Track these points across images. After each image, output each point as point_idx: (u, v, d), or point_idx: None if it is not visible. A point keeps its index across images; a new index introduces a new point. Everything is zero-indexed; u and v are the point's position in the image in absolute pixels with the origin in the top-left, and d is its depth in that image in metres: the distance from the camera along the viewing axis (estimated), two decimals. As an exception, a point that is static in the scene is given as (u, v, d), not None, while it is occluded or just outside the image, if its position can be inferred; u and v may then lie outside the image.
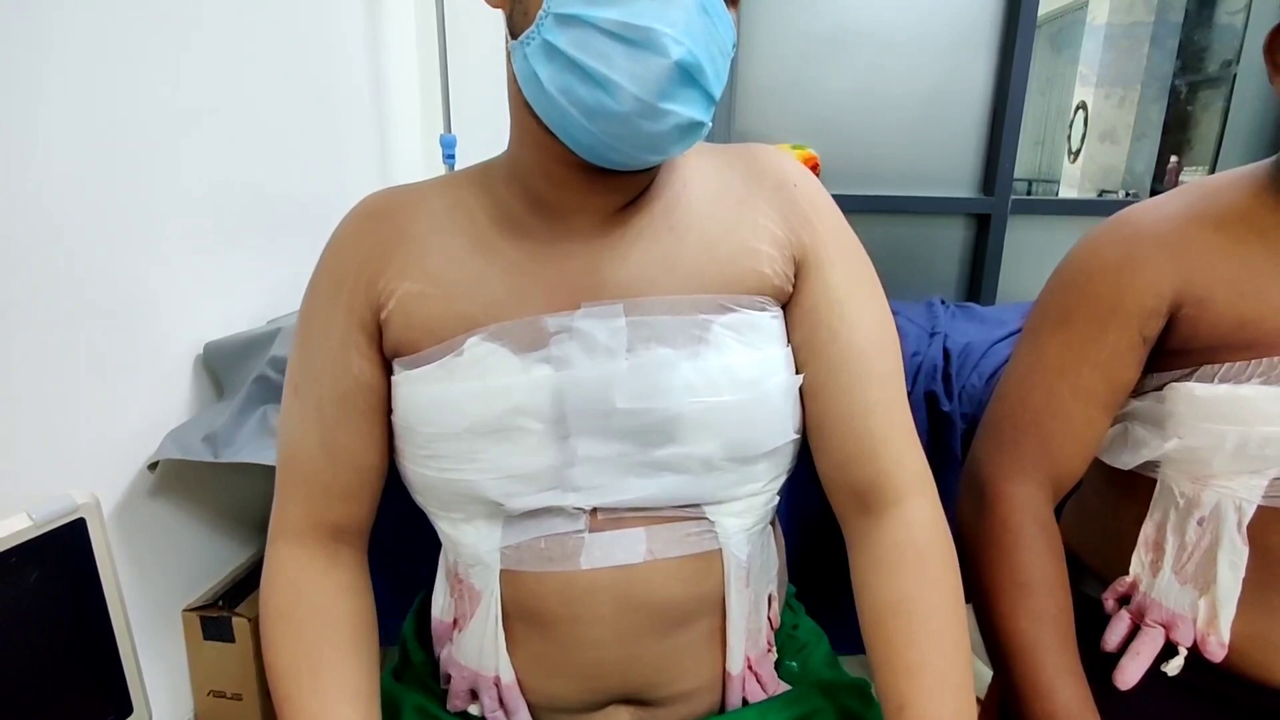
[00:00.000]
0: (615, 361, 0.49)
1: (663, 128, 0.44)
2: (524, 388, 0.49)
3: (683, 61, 0.41)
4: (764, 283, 0.52)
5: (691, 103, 0.44)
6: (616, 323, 0.49)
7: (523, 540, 0.51)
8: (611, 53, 0.42)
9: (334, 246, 0.55)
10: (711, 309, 0.50)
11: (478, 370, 0.49)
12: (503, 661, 0.53)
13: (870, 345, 0.53)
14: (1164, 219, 0.58)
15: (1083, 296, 0.59)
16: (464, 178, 0.56)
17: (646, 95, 0.42)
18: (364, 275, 0.52)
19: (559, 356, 0.49)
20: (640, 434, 0.50)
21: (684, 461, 0.50)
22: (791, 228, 0.53)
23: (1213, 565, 0.56)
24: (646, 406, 0.49)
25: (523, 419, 0.49)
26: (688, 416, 0.49)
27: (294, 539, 0.54)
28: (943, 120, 1.77)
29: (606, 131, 0.44)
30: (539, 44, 0.44)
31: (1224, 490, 0.56)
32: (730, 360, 0.50)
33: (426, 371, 0.51)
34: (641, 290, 0.50)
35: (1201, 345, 0.55)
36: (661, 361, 0.49)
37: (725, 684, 0.56)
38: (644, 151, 0.46)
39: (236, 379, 1.06)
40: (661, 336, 0.49)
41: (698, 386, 0.49)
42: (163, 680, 1.10)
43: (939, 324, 1.08)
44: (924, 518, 0.52)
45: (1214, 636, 0.56)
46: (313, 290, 0.55)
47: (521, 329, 0.50)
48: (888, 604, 0.51)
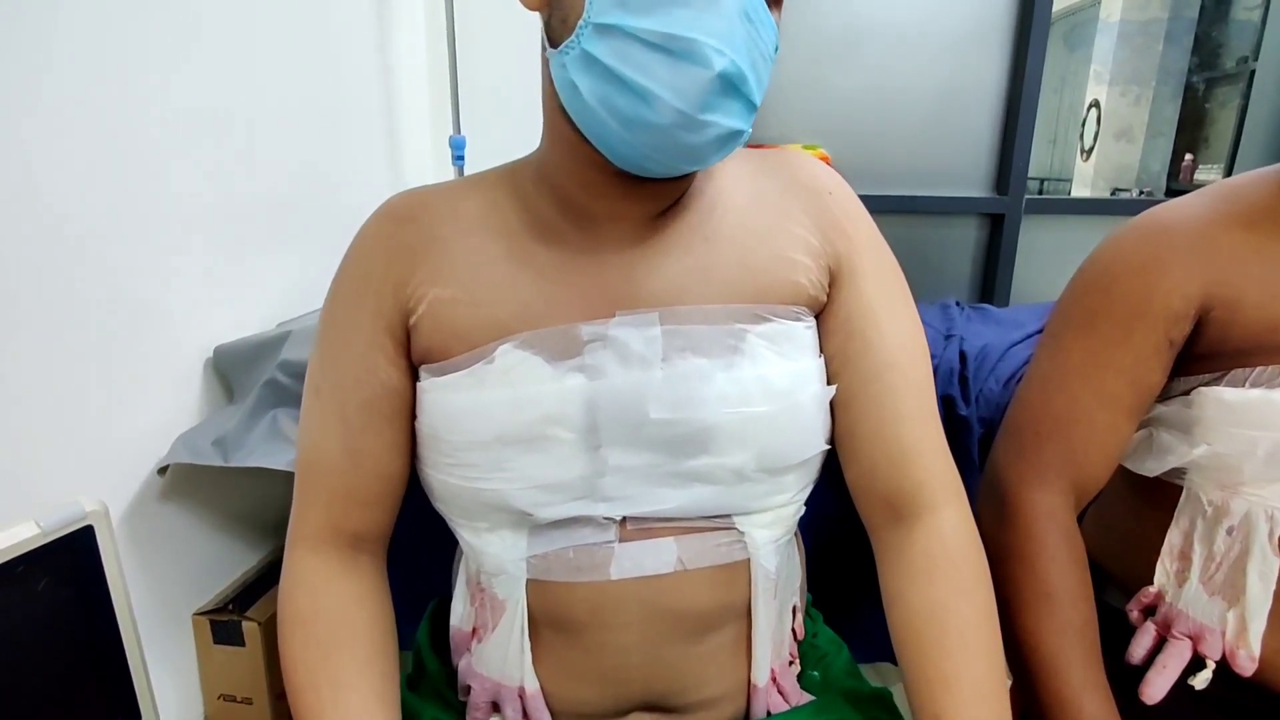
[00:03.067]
0: (650, 371, 0.48)
1: (703, 139, 0.43)
2: (556, 397, 0.48)
3: (725, 72, 0.41)
4: (799, 292, 0.52)
5: (732, 113, 0.43)
6: (652, 331, 0.49)
7: (550, 550, 0.50)
8: (652, 64, 0.41)
9: (359, 248, 0.53)
10: (747, 319, 0.50)
11: (509, 378, 0.48)
12: (528, 671, 0.52)
13: (903, 355, 0.53)
14: (1191, 219, 0.56)
15: (1107, 299, 0.58)
16: (490, 179, 0.55)
17: (687, 107, 0.41)
18: (390, 278, 0.51)
19: (593, 365, 0.48)
20: (672, 444, 0.49)
21: (715, 472, 0.50)
22: (827, 237, 0.53)
23: (1242, 576, 0.55)
24: (680, 417, 0.48)
25: (554, 428, 0.48)
26: (721, 427, 0.48)
27: (313, 546, 0.53)
28: (955, 119, 1.75)
29: (645, 143, 0.43)
30: (578, 54, 0.43)
31: (1254, 499, 0.54)
32: (765, 371, 0.49)
33: (456, 379, 0.50)
34: (676, 299, 0.50)
35: (1232, 349, 0.54)
36: (696, 372, 0.48)
37: (750, 695, 0.55)
38: (683, 162, 0.45)
39: (247, 382, 1.06)
40: (696, 346, 0.49)
41: (731, 397, 0.48)
42: (173, 684, 1.10)
43: (955, 326, 1.06)
44: (956, 527, 0.52)
45: (1244, 650, 0.55)
46: (336, 293, 0.54)
47: (555, 337, 0.49)
48: (921, 614, 0.50)
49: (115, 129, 0.91)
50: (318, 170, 1.31)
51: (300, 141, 1.26)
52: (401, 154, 1.57)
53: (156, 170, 0.98)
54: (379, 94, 1.49)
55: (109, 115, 0.90)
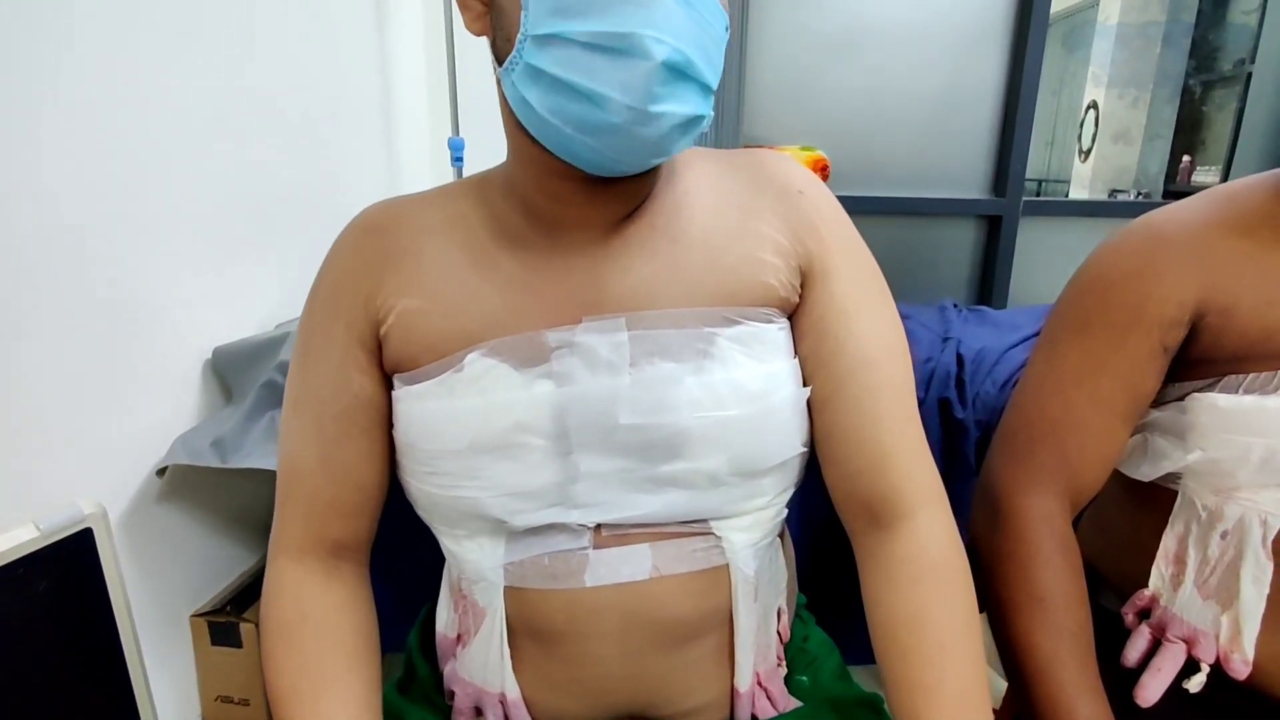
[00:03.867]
0: (618, 376, 0.48)
1: (660, 129, 0.43)
2: (525, 404, 0.48)
3: (669, 61, 0.40)
4: (769, 294, 0.51)
5: (685, 99, 0.43)
6: (619, 337, 0.48)
7: (526, 557, 0.50)
8: (596, 65, 0.41)
9: (331, 262, 0.54)
10: (716, 321, 0.49)
11: (478, 386, 0.48)
12: (508, 679, 0.52)
13: (880, 355, 0.52)
14: (1187, 224, 0.56)
15: (1102, 304, 0.58)
16: (461, 189, 0.55)
17: (637, 102, 0.41)
18: (362, 291, 0.52)
19: (560, 372, 0.48)
20: (644, 450, 0.49)
21: (689, 477, 0.49)
22: (797, 236, 0.52)
23: (1236, 581, 0.55)
24: (651, 422, 0.48)
25: (524, 435, 0.48)
26: (693, 432, 0.48)
27: (295, 556, 0.53)
28: (953, 121, 1.75)
29: (605, 144, 0.43)
30: (523, 68, 0.43)
31: (1248, 504, 0.55)
32: (736, 374, 0.49)
33: (426, 388, 0.50)
34: (643, 303, 0.49)
35: (1226, 355, 0.54)
36: (665, 376, 0.48)
37: (734, 701, 0.55)
38: (648, 155, 0.45)
39: (245, 384, 1.06)
40: (665, 350, 0.48)
41: (703, 401, 0.48)
42: (171, 685, 1.10)
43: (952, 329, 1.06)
44: (937, 531, 0.51)
45: (1238, 654, 0.55)
46: (311, 306, 0.54)
47: (522, 344, 0.49)
48: (901, 621, 0.50)
49: (115, 131, 0.91)
50: (317, 172, 1.31)
51: (299, 143, 1.26)
52: (400, 155, 1.57)
53: (156, 172, 0.98)
54: (378, 96, 1.49)
55: (109, 118, 0.90)
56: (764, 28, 1.71)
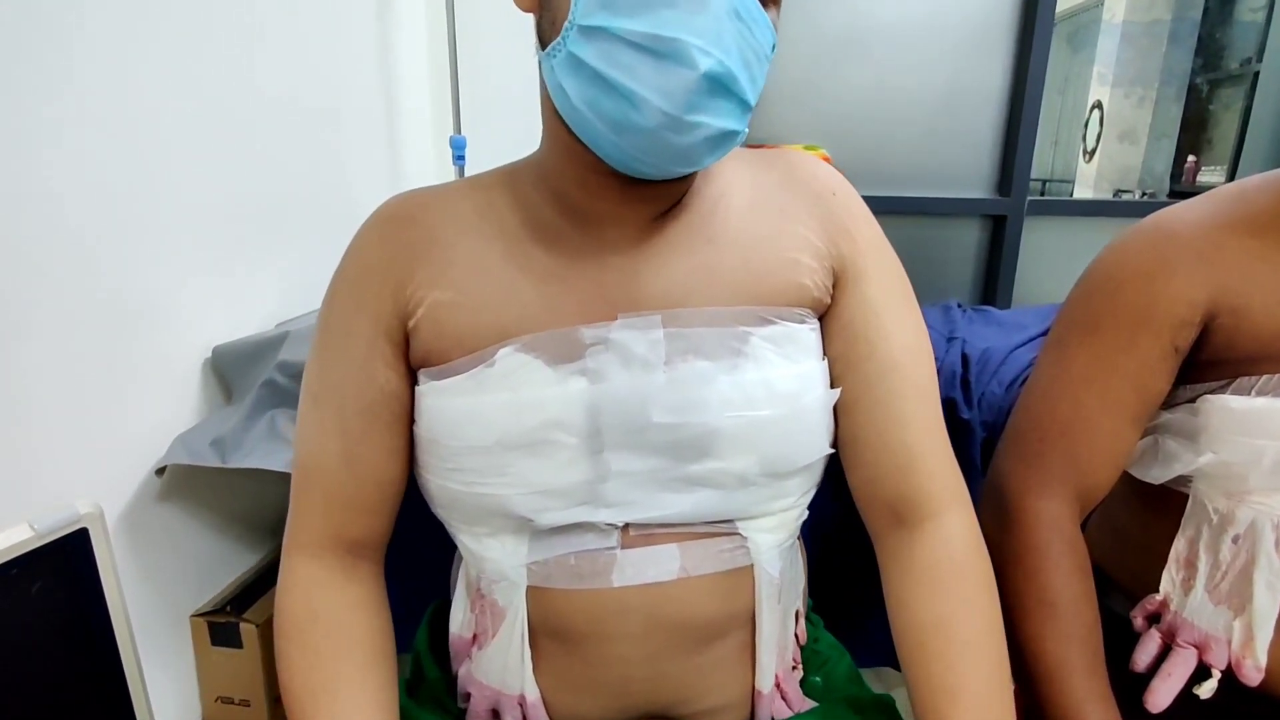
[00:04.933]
0: (652, 375, 0.48)
1: (691, 140, 0.42)
2: (558, 401, 0.47)
3: (711, 73, 0.40)
4: (803, 294, 0.51)
5: (723, 113, 0.42)
6: (654, 335, 0.48)
7: (551, 556, 0.50)
8: (637, 65, 0.40)
9: (356, 251, 0.53)
10: (751, 321, 0.49)
11: (510, 382, 0.48)
12: (528, 680, 0.52)
13: (907, 359, 0.52)
14: (1197, 224, 0.56)
15: (1112, 305, 0.57)
16: (490, 180, 0.54)
17: (673, 109, 0.40)
18: (389, 282, 0.50)
19: (595, 369, 0.48)
20: (675, 449, 0.48)
21: (719, 477, 0.49)
22: (831, 238, 0.52)
23: (1248, 585, 0.54)
24: (683, 421, 0.48)
25: (556, 433, 0.48)
26: (725, 431, 0.48)
27: (311, 553, 0.52)
28: (958, 120, 1.74)
29: (633, 145, 0.43)
30: (565, 56, 0.42)
31: (1261, 507, 0.54)
32: (769, 374, 0.49)
33: (456, 383, 0.49)
34: (679, 302, 0.49)
35: (1238, 356, 0.53)
36: (699, 375, 0.48)
37: (755, 702, 0.54)
38: (674, 164, 0.45)
39: (245, 383, 1.05)
40: (699, 349, 0.48)
41: (735, 401, 0.48)
42: (170, 686, 1.10)
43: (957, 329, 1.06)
44: (961, 533, 0.51)
45: (1250, 660, 0.54)
46: (333, 297, 0.53)
47: (556, 340, 0.48)
48: (926, 624, 0.50)
49: (117, 131, 0.91)
50: (318, 170, 1.31)
51: (301, 141, 1.26)
52: (402, 154, 1.57)
53: (157, 172, 0.98)
54: (380, 94, 1.49)
55: (111, 118, 0.90)
56: (768, 26, 1.70)
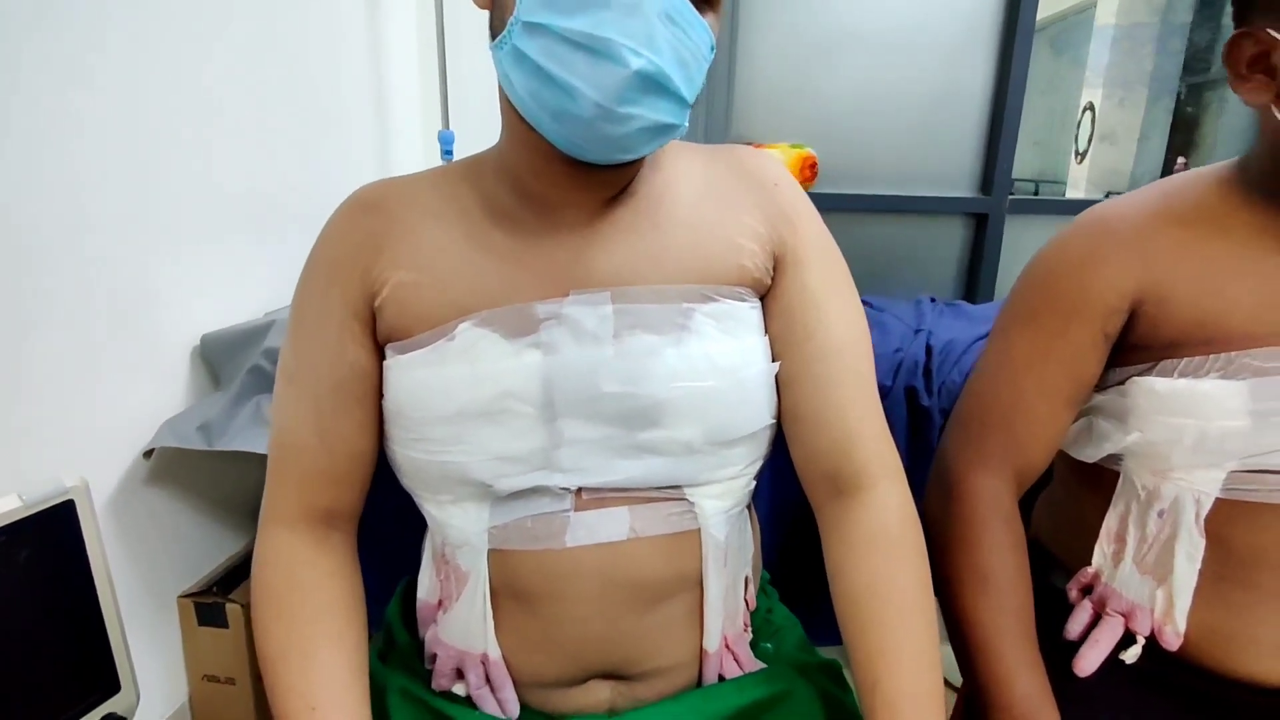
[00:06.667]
0: (602, 347, 0.51)
1: (626, 130, 0.45)
2: (514, 372, 0.51)
3: (643, 71, 0.43)
4: (744, 275, 0.54)
5: (657, 108, 0.45)
6: (604, 310, 0.51)
7: (510, 520, 0.53)
8: (575, 61, 0.43)
9: (327, 237, 0.56)
10: (694, 298, 0.52)
11: (469, 355, 0.51)
12: (490, 640, 0.55)
13: (844, 342, 0.55)
14: (1129, 217, 0.59)
15: (1049, 294, 0.60)
16: (455, 170, 0.57)
17: (606, 101, 0.44)
18: (358, 264, 0.54)
19: (548, 342, 0.51)
20: (625, 418, 0.51)
21: (666, 444, 0.52)
22: (772, 226, 0.55)
23: (1171, 557, 0.57)
24: (632, 391, 0.51)
25: (512, 402, 0.51)
26: (670, 401, 0.51)
27: (286, 524, 0.55)
28: (942, 121, 1.77)
29: (573, 133, 0.46)
30: (510, 49, 0.46)
31: (1183, 483, 0.57)
32: (711, 348, 0.52)
33: (418, 356, 0.52)
34: (628, 280, 0.52)
35: (1162, 341, 0.56)
36: (646, 348, 0.51)
37: (702, 661, 0.57)
38: (613, 151, 0.48)
39: (232, 370, 1.08)
40: (646, 324, 0.51)
41: (680, 372, 0.51)
42: (158, 665, 1.12)
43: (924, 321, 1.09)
44: (895, 504, 0.54)
45: (1170, 626, 0.57)
46: (306, 280, 0.56)
47: (512, 315, 0.51)
48: (861, 588, 0.53)
49: (108, 123, 0.93)
50: (307, 163, 1.33)
51: (290, 135, 1.28)
52: (391, 148, 1.59)
53: (148, 163, 1.00)
54: (369, 88, 1.51)
55: (100, 110, 0.92)
56: (754, 28, 1.73)
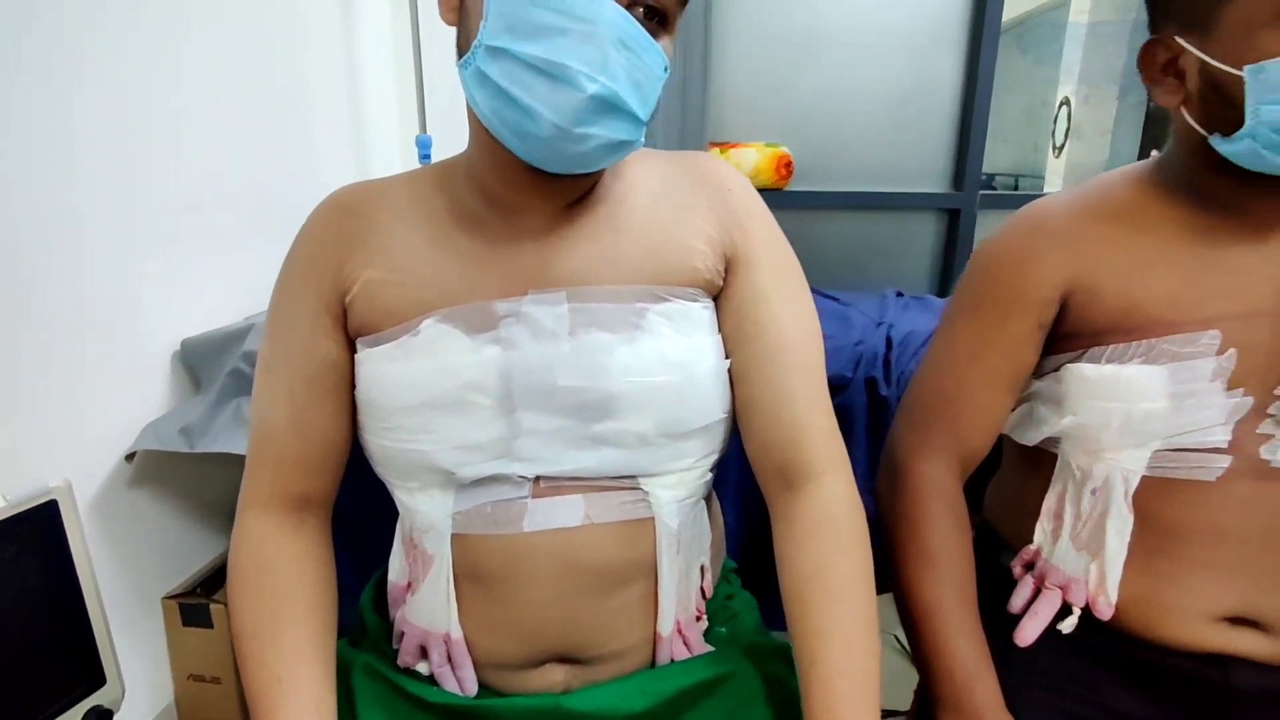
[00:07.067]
0: (558, 344, 0.54)
1: (584, 148, 0.49)
2: (474, 366, 0.54)
3: (598, 95, 0.46)
4: (696, 276, 0.57)
5: (613, 127, 0.48)
6: (560, 309, 0.54)
7: (472, 506, 0.56)
8: (534, 84, 0.47)
9: (304, 236, 0.59)
10: (647, 298, 0.55)
11: (432, 349, 0.54)
12: (453, 621, 0.57)
13: (794, 339, 0.58)
14: (1062, 213, 0.62)
15: (989, 287, 0.64)
16: (427, 174, 0.60)
17: (564, 123, 0.47)
18: (332, 263, 0.57)
19: (507, 338, 0.54)
20: (580, 410, 0.54)
21: (621, 436, 0.55)
22: (724, 229, 0.58)
23: (1103, 532, 0.61)
24: (586, 385, 0.54)
25: (473, 394, 0.54)
26: (624, 395, 0.54)
27: (262, 508, 0.58)
28: (914, 118, 1.81)
29: (534, 150, 0.49)
30: (474, 70, 0.49)
31: (1113, 463, 0.60)
32: (663, 345, 0.55)
33: (386, 350, 0.55)
34: (584, 281, 0.55)
35: (1091, 329, 0.60)
36: (600, 345, 0.54)
37: (655, 645, 0.60)
38: (572, 166, 0.51)
39: (213, 373, 1.10)
40: (601, 322, 0.54)
41: (633, 368, 0.54)
42: (143, 665, 1.14)
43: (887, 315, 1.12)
44: (839, 495, 0.57)
45: (1103, 597, 0.61)
46: (284, 278, 0.59)
47: (473, 312, 0.54)
48: (804, 573, 0.56)
49: (85, 127, 0.95)
50: (286, 169, 1.35)
51: (268, 139, 1.30)
52: (368, 153, 1.61)
53: (127, 168, 1.02)
54: (346, 93, 1.53)
55: (79, 115, 0.94)
56: (727, 29, 1.76)
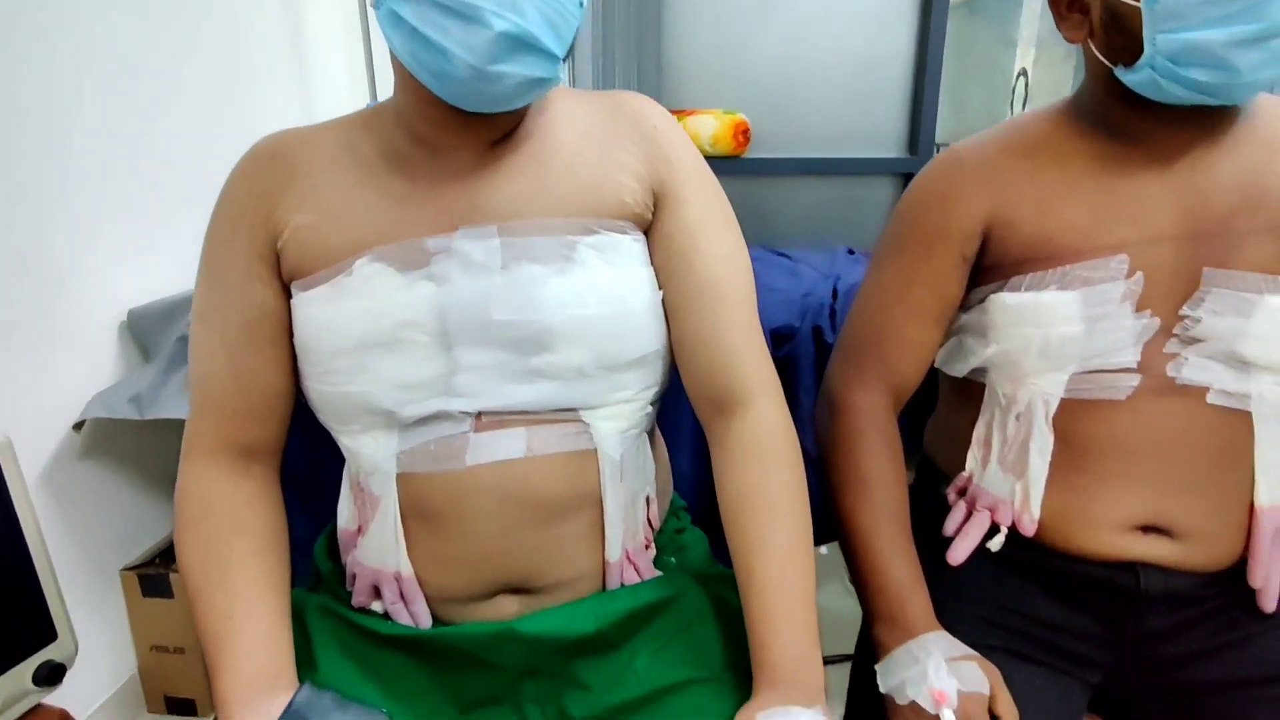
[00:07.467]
0: (491, 278, 0.55)
1: (501, 87, 0.49)
2: (408, 303, 0.54)
3: (508, 32, 0.47)
4: (625, 209, 0.58)
5: (528, 64, 0.49)
6: (491, 243, 0.55)
7: (415, 445, 0.57)
8: (446, 24, 0.47)
9: (231, 185, 0.59)
10: (577, 231, 0.56)
11: (366, 289, 0.55)
12: (402, 559, 0.58)
13: (723, 271, 0.60)
14: (980, 150, 0.65)
15: (914, 224, 0.66)
16: (356, 119, 0.61)
17: (478, 62, 0.48)
18: (261, 209, 0.57)
19: (439, 274, 0.55)
20: (517, 344, 0.55)
21: (558, 369, 0.56)
22: (651, 164, 0.60)
23: (1026, 454, 0.64)
24: (521, 318, 0.55)
25: (409, 332, 0.55)
26: (559, 327, 0.55)
27: (206, 456, 0.58)
28: (869, 84, 1.83)
29: (452, 89, 0.50)
30: (386, 11, 0.49)
31: (1035, 388, 0.63)
32: (596, 277, 0.56)
33: (320, 292, 0.56)
34: (515, 215, 0.56)
35: (1011, 260, 0.63)
36: (533, 278, 0.55)
37: (605, 572, 0.61)
38: (491, 105, 0.52)
39: (160, 341, 1.08)
40: (532, 255, 0.55)
41: (567, 300, 0.55)
42: (104, 637, 1.14)
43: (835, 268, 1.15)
44: (770, 417, 0.59)
45: (1027, 515, 0.64)
46: (214, 227, 0.59)
47: (404, 250, 0.55)
48: (739, 493, 0.58)
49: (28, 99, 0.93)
50: (230, 134, 1.32)
51: (211, 105, 1.27)
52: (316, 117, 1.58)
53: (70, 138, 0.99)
54: (292, 60, 1.50)
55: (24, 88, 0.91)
56: (681, -5, 1.76)
